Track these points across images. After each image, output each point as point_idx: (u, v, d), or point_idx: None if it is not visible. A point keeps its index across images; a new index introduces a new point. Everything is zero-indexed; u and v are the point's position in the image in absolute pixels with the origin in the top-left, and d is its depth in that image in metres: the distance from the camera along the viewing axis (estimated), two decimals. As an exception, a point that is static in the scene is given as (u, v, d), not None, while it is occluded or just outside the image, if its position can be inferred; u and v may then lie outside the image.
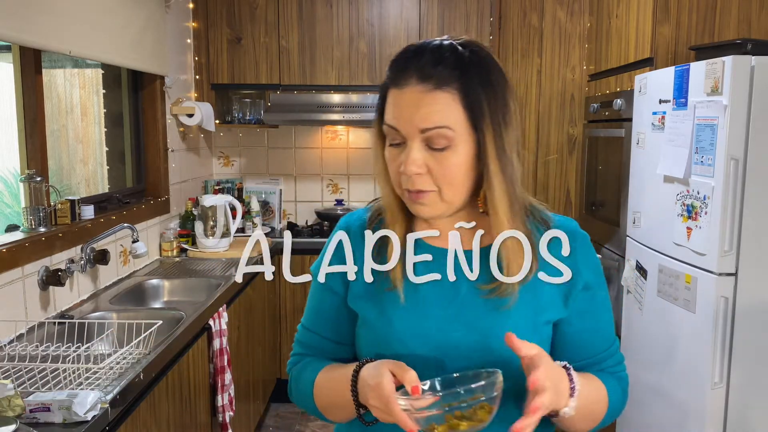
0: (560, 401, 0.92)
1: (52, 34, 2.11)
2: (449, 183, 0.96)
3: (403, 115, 0.95)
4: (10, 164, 3.64)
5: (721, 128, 1.96)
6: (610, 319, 1.11)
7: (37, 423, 1.37)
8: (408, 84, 0.95)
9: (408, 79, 0.95)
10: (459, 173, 0.96)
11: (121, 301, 2.39)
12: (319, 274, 1.07)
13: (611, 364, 1.09)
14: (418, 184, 0.96)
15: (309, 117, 3.62)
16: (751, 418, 2.02)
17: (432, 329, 1.01)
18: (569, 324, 1.05)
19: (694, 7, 2.52)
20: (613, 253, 2.84)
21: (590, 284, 1.05)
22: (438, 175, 0.95)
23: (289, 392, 1.17)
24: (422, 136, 0.94)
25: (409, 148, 0.95)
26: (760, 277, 1.98)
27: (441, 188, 0.96)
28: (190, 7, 3.53)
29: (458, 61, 0.95)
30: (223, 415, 2.40)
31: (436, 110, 0.93)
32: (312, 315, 1.15)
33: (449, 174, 0.95)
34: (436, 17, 3.57)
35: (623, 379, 1.11)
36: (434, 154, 0.95)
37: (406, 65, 0.96)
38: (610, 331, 1.10)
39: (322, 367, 1.09)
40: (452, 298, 1.02)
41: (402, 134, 0.96)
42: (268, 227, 3.86)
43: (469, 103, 0.94)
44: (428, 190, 0.96)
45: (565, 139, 3.72)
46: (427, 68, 0.94)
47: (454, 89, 0.94)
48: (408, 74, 0.95)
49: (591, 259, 1.06)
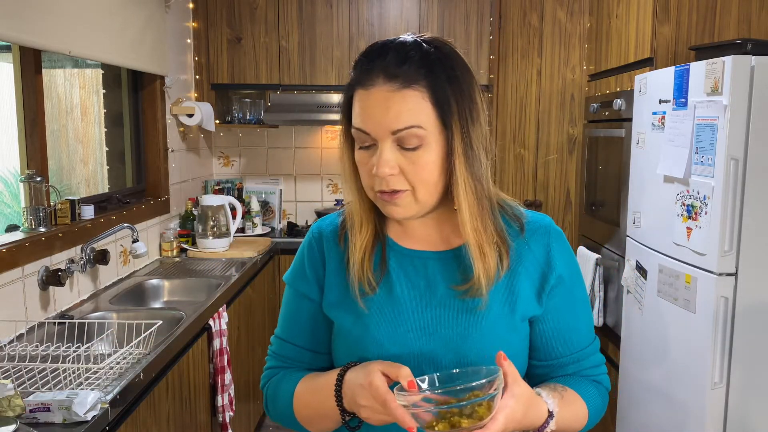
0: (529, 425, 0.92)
1: (52, 34, 2.11)
2: (423, 182, 0.94)
3: (373, 117, 0.92)
4: (10, 164, 3.64)
5: (721, 128, 1.96)
6: (589, 317, 1.08)
7: (37, 423, 1.37)
8: (375, 84, 0.92)
9: (374, 79, 0.92)
10: (432, 172, 0.94)
11: (121, 301, 2.39)
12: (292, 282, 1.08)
13: (589, 366, 1.07)
14: (392, 184, 0.94)
15: (309, 117, 3.62)
16: (751, 418, 2.02)
17: (408, 333, 0.99)
18: (545, 321, 1.04)
19: (694, 7, 2.52)
20: (613, 253, 2.84)
21: (565, 279, 1.03)
22: (411, 174, 0.93)
23: (266, 408, 1.13)
24: (394, 137, 0.92)
25: (380, 150, 0.93)
26: (760, 277, 1.98)
27: (415, 187, 0.94)
28: (190, 7, 3.53)
29: (424, 59, 0.93)
30: (223, 415, 2.40)
31: (406, 109, 0.91)
32: (287, 325, 1.12)
33: (422, 173, 0.93)
34: (436, 17, 3.57)
35: (602, 384, 1.08)
36: (406, 154, 0.93)
37: (371, 65, 0.93)
38: (589, 329, 1.08)
39: (300, 378, 1.06)
40: (428, 301, 1.00)
41: (372, 136, 0.93)
42: (268, 227, 3.86)
43: (437, 100, 0.92)
44: (402, 189, 0.94)
45: (565, 139, 3.71)
46: (393, 67, 0.92)
47: (422, 87, 0.92)
48: (374, 74, 0.93)
49: (566, 255, 1.04)
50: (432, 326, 0.99)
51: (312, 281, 1.08)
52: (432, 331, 0.99)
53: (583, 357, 1.06)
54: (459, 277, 1.00)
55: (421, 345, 0.98)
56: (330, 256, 1.07)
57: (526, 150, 3.72)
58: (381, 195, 0.96)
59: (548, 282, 1.02)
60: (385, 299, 1.01)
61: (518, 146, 3.72)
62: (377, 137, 0.93)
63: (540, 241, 1.03)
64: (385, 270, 1.03)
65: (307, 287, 1.08)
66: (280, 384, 1.09)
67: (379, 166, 0.92)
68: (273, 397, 1.10)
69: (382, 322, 1.00)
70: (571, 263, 1.05)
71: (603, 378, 1.08)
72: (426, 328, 0.99)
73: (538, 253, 1.03)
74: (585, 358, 1.06)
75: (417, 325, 0.99)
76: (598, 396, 1.05)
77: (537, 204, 3.73)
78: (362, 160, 0.96)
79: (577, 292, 1.06)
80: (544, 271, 1.02)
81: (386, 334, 1.00)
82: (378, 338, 1.00)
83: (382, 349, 0.99)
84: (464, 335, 0.98)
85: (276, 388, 1.09)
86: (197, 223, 3.21)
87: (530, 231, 1.04)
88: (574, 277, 1.05)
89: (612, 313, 2.86)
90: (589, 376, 1.07)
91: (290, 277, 1.12)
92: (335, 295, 1.05)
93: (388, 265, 1.03)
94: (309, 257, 1.09)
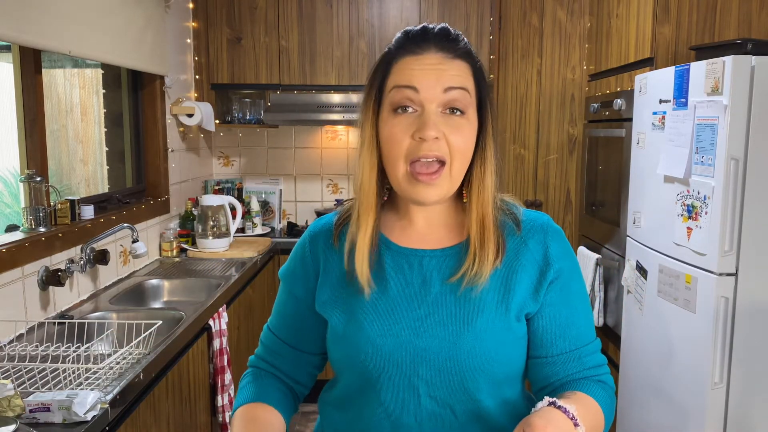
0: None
1: (52, 34, 2.11)
2: (461, 152, 0.97)
3: (426, 75, 0.95)
4: (10, 164, 3.64)
5: (721, 128, 1.96)
6: (588, 315, 1.07)
7: (37, 423, 1.37)
8: (428, 51, 0.97)
9: (427, 47, 0.97)
10: (469, 143, 0.98)
11: (121, 301, 2.39)
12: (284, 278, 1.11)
13: (592, 365, 1.05)
14: (435, 149, 0.94)
15: (309, 117, 3.62)
16: (751, 418, 2.02)
17: (402, 331, 0.99)
18: (542, 316, 1.03)
19: (694, 7, 2.52)
20: (613, 253, 2.84)
21: (562, 275, 1.03)
22: (452, 143, 0.95)
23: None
24: (444, 97, 0.95)
25: (427, 113, 0.95)
26: (760, 277, 1.98)
27: (453, 159, 0.96)
28: (190, 7, 3.53)
29: (465, 45, 1.00)
30: (223, 415, 2.40)
31: (458, 73, 0.96)
32: (276, 318, 1.16)
33: (462, 143, 0.96)
34: (436, 17, 3.57)
35: (608, 384, 1.06)
36: (450, 120, 0.96)
37: (425, 36, 0.98)
38: (588, 327, 1.06)
39: (253, 397, 1.08)
40: (423, 299, 1.00)
41: (420, 97, 0.95)
42: (268, 227, 3.86)
43: (477, 79, 0.99)
44: (444, 158, 0.95)
45: (565, 139, 3.71)
46: (445, 41, 0.97)
47: (468, 63, 0.98)
48: (425, 44, 0.97)
49: (564, 252, 1.04)
50: (426, 324, 0.99)
51: (301, 281, 1.10)
52: (426, 329, 0.99)
53: (584, 354, 1.04)
54: (455, 270, 1.01)
55: (414, 343, 0.98)
56: (324, 257, 1.08)
57: (526, 150, 3.72)
58: (417, 173, 0.95)
59: (546, 278, 1.02)
60: (380, 297, 1.01)
61: (518, 146, 3.72)
62: (426, 97, 0.95)
63: (538, 240, 1.03)
64: (380, 268, 1.03)
65: (296, 286, 1.10)
66: (244, 388, 1.11)
67: (428, 128, 0.94)
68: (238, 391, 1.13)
69: (375, 321, 1.00)
70: (569, 260, 1.04)
71: (607, 378, 1.06)
72: (420, 326, 0.99)
73: (535, 251, 1.02)
74: (586, 355, 1.04)
75: (411, 323, 0.99)
76: (607, 397, 1.04)
77: (537, 204, 3.73)
78: (398, 126, 0.96)
79: (574, 287, 1.05)
80: (542, 269, 1.02)
81: (380, 331, 1.00)
82: (372, 336, 0.99)
83: (375, 347, 0.99)
84: (458, 333, 0.98)
85: (242, 387, 1.12)
86: (197, 223, 3.21)
87: (527, 229, 1.04)
88: (572, 273, 1.04)
89: (612, 313, 2.86)
90: (593, 376, 1.04)
91: (283, 273, 1.14)
92: (328, 294, 1.06)
93: (384, 263, 1.03)
94: (301, 259, 1.11)
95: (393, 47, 1.00)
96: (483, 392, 0.99)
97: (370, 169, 1.00)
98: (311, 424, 3.40)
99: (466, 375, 0.97)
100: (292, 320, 1.12)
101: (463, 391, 0.98)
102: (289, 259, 1.14)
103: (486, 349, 0.97)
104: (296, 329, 1.12)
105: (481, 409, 1.00)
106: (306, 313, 1.10)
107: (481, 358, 0.97)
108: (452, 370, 0.97)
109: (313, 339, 1.11)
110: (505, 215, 1.04)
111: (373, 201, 1.01)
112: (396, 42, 1.00)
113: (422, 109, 0.95)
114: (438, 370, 0.98)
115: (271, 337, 1.15)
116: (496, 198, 1.02)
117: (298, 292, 1.10)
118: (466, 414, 1.00)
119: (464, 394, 0.99)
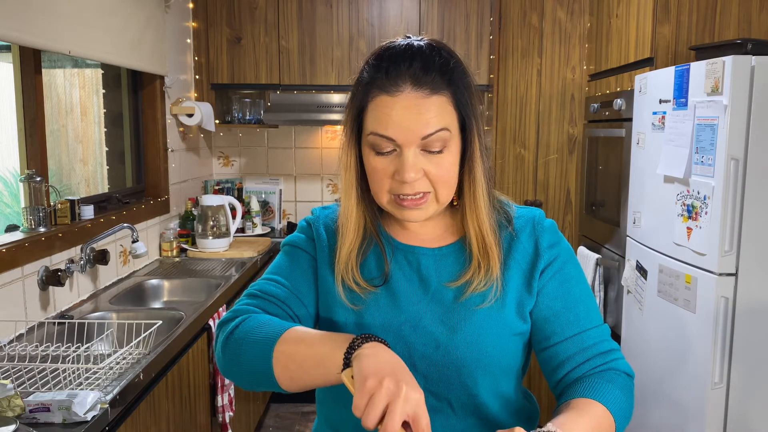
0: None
1: (52, 34, 2.11)
2: (445, 183, 0.97)
3: (401, 123, 0.92)
4: (10, 164, 3.64)
5: (721, 128, 1.96)
6: (588, 299, 1.05)
7: (36, 423, 1.37)
8: (402, 91, 0.93)
9: (401, 85, 0.93)
10: (454, 173, 0.98)
11: (120, 301, 2.39)
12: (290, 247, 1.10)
13: (599, 351, 1.01)
14: (417, 187, 0.95)
15: (309, 117, 3.62)
16: (751, 418, 2.02)
17: (403, 326, 1.01)
18: (539, 307, 1.03)
19: (694, 7, 2.52)
20: (613, 253, 2.84)
21: (554, 262, 1.03)
22: (435, 177, 0.96)
23: (223, 344, 0.99)
24: (422, 143, 0.93)
25: (405, 156, 0.93)
26: (760, 277, 1.98)
27: (437, 189, 0.97)
28: (190, 7, 3.53)
29: (444, 66, 0.95)
30: (223, 415, 2.40)
31: (434, 115, 0.93)
32: (277, 270, 1.08)
33: (446, 174, 0.96)
34: (436, 17, 3.57)
35: (620, 370, 1.01)
36: (430, 157, 0.95)
37: (398, 72, 0.93)
38: (589, 311, 1.04)
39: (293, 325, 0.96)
40: (421, 296, 1.02)
41: (397, 143, 0.94)
42: (268, 227, 3.86)
43: (458, 104, 0.96)
44: (427, 191, 0.96)
45: (565, 139, 3.71)
46: (420, 75, 0.93)
47: (446, 93, 0.95)
48: (401, 81, 0.93)
49: (554, 240, 1.05)
50: (424, 320, 1.01)
51: (310, 246, 1.09)
52: (424, 325, 1.01)
53: (587, 340, 1.01)
54: (451, 274, 1.03)
55: (413, 338, 1.00)
56: (320, 249, 1.08)
57: (526, 150, 3.72)
58: (401, 200, 0.97)
59: (537, 268, 1.03)
60: (382, 292, 1.03)
61: (518, 146, 3.72)
62: (404, 143, 0.94)
63: (529, 233, 1.05)
64: (382, 263, 1.04)
65: (307, 246, 1.09)
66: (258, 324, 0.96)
67: (407, 171, 0.93)
68: (245, 332, 0.96)
69: (378, 315, 1.02)
70: (561, 248, 1.05)
71: (619, 363, 1.02)
72: (419, 322, 1.01)
73: (527, 244, 1.04)
74: (590, 341, 1.01)
75: (410, 318, 1.01)
76: (618, 392, 0.98)
77: (537, 204, 3.73)
78: (379, 165, 0.96)
79: (569, 273, 1.04)
80: (533, 260, 1.03)
81: (382, 326, 1.01)
82: (374, 331, 1.01)
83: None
84: (454, 329, 0.99)
85: (253, 324, 0.97)
86: (197, 223, 3.21)
87: (519, 225, 1.06)
88: (566, 260, 1.05)
89: (612, 313, 2.86)
90: (602, 365, 1.01)
91: (290, 239, 1.12)
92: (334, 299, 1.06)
93: (385, 258, 1.04)
94: (307, 234, 1.11)
95: (367, 76, 0.96)
96: (480, 387, 1.00)
97: (356, 199, 1.02)
98: (311, 424, 3.40)
99: (463, 370, 0.99)
100: (299, 271, 1.07)
101: (460, 385, 1.00)
102: (296, 232, 1.13)
103: (482, 344, 0.99)
104: (305, 279, 1.06)
105: (478, 404, 1.02)
106: (311, 268, 1.07)
107: (478, 353, 0.98)
108: (449, 365, 0.99)
109: (312, 297, 1.07)
110: (499, 214, 1.06)
111: (361, 216, 1.03)
112: (372, 69, 0.96)
113: (400, 150, 0.94)
114: (435, 365, 1.00)
115: (271, 284, 1.05)
116: (490, 209, 1.02)
117: (308, 249, 1.09)
118: (463, 408, 1.02)
119: (461, 388, 1.00)
